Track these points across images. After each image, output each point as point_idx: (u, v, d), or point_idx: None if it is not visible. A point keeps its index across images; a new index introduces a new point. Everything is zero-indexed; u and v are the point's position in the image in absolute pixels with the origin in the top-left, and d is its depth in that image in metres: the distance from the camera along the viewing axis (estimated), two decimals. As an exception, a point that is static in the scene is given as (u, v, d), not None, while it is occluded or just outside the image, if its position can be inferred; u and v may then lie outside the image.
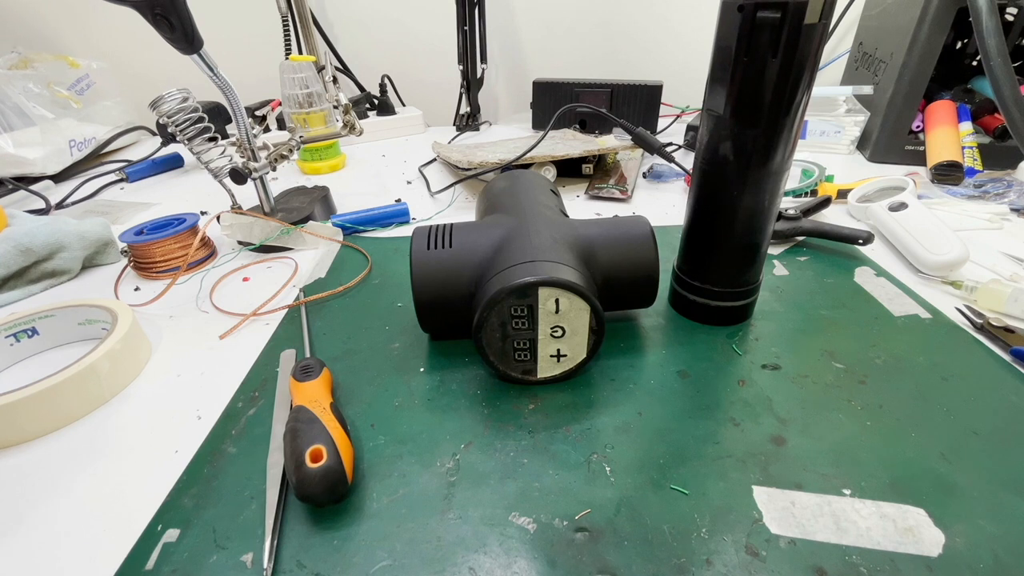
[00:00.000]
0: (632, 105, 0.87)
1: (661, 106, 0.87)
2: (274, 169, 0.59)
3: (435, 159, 0.84)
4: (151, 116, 0.54)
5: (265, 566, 0.26)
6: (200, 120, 0.52)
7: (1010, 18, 0.71)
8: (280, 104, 0.87)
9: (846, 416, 0.34)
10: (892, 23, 0.76)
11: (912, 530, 0.27)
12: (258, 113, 0.96)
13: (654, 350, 0.40)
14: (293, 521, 0.28)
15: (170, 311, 0.48)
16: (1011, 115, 0.40)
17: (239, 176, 0.55)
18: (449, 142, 0.93)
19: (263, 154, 0.57)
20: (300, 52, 0.92)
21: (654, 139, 0.70)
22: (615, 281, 0.39)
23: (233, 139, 0.56)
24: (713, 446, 0.32)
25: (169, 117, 0.50)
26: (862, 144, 0.82)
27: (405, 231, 0.61)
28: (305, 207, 0.62)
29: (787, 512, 0.28)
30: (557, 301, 0.33)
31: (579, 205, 0.67)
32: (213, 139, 0.54)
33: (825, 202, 0.59)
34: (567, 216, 0.45)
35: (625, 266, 0.39)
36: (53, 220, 0.54)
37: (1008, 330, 0.40)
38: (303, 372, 0.35)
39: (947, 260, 0.47)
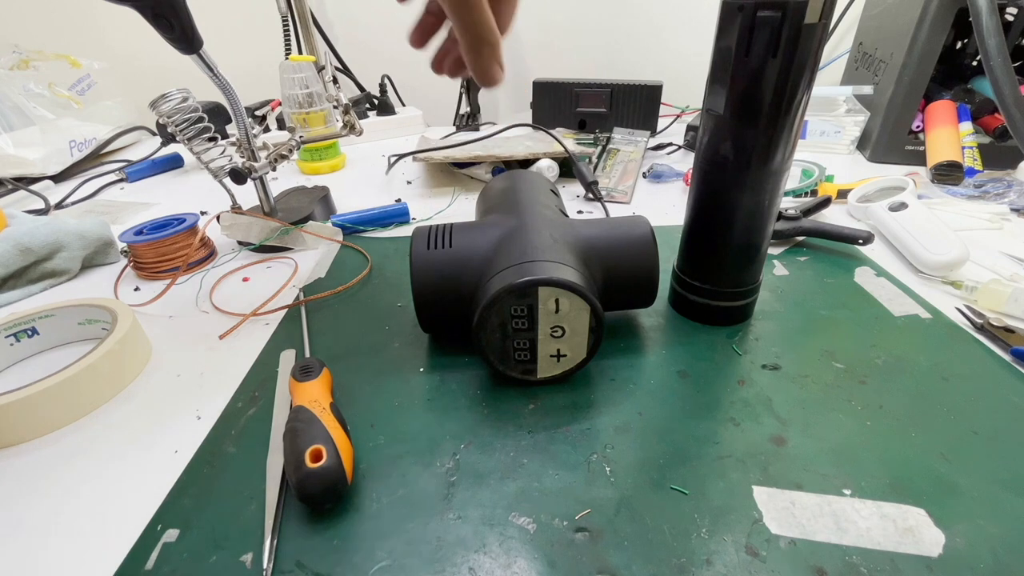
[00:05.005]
0: (632, 105, 0.87)
1: (661, 106, 0.87)
2: (274, 169, 0.59)
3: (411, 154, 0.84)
4: (151, 116, 0.54)
5: (265, 566, 0.26)
6: (200, 120, 0.52)
7: (1010, 18, 0.71)
8: (280, 104, 0.87)
9: (846, 416, 0.34)
10: (892, 23, 0.76)
11: (912, 530, 0.27)
12: (258, 113, 0.96)
13: (654, 350, 0.40)
14: (293, 521, 0.28)
15: (170, 311, 0.48)
16: (1011, 115, 0.40)
17: (239, 176, 0.55)
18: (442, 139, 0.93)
19: (263, 154, 0.57)
20: (300, 52, 0.92)
21: (586, 169, 0.68)
22: (615, 281, 0.39)
23: (233, 139, 0.56)
24: (713, 446, 0.32)
25: (169, 117, 0.50)
26: (862, 144, 0.82)
27: (405, 231, 0.61)
28: (305, 207, 0.62)
29: (787, 512, 0.28)
30: (557, 301, 0.33)
31: (579, 205, 0.67)
32: (213, 139, 0.54)
33: (825, 202, 0.59)
34: (567, 216, 0.45)
35: (625, 266, 0.39)
36: (53, 220, 0.54)
37: (1008, 330, 0.40)
38: (303, 372, 0.35)
39: (947, 260, 0.47)
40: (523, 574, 0.25)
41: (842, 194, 0.63)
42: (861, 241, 0.52)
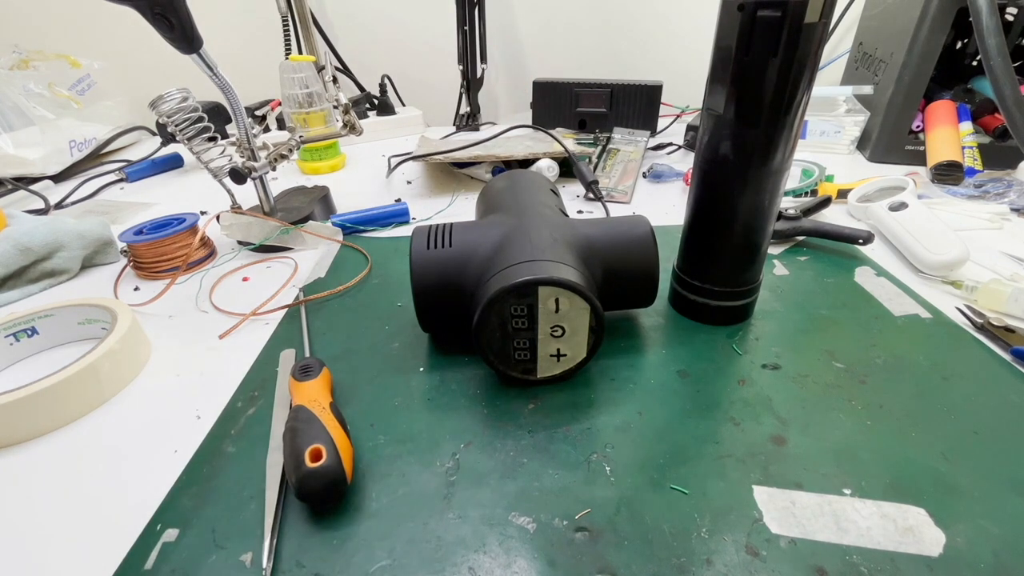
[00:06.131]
0: (632, 105, 0.87)
1: (661, 106, 0.87)
2: (274, 169, 0.59)
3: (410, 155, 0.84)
4: (151, 116, 0.54)
5: (264, 565, 0.26)
6: (200, 120, 0.52)
7: (1010, 18, 0.71)
8: (280, 104, 0.87)
9: (846, 416, 0.34)
10: (892, 23, 0.76)
11: (912, 530, 0.27)
12: (258, 113, 0.96)
13: (654, 350, 0.40)
14: (292, 520, 0.28)
15: (169, 311, 0.48)
16: (1011, 115, 0.40)
17: (239, 176, 0.55)
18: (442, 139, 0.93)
19: (263, 154, 0.57)
20: (300, 52, 0.92)
21: (587, 169, 0.69)
22: (615, 281, 0.39)
23: (233, 139, 0.56)
24: (713, 446, 0.32)
25: (169, 117, 0.50)
26: (862, 144, 0.82)
27: (405, 231, 0.61)
28: (305, 207, 0.62)
29: (787, 512, 0.28)
30: (557, 300, 0.33)
31: (579, 205, 0.67)
32: (213, 139, 0.54)
33: (825, 202, 0.59)
34: (567, 216, 0.45)
35: (625, 265, 0.39)
36: (52, 220, 0.54)
37: (1008, 330, 0.40)
38: (303, 372, 0.35)
39: (947, 260, 0.47)
40: (523, 574, 0.25)
41: (842, 194, 0.63)
42: (861, 241, 0.52)
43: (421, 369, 0.39)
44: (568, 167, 0.72)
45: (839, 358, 0.39)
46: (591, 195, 0.68)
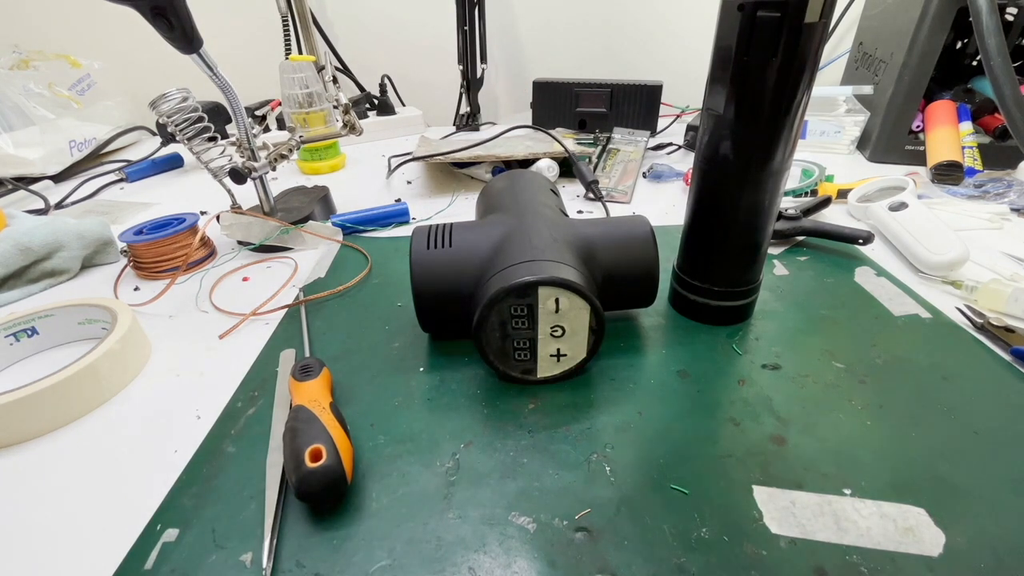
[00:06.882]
0: (632, 105, 0.87)
1: (661, 106, 0.87)
2: (274, 169, 0.59)
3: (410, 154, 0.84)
4: (151, 116, 0.54)
5: (264, 565, 0.26)
6: (200, 120, 0.52)
7: (1010, 18, 0.71)
8: (280, 104, 0.87)
9: (846, 416, 0.34)
10: (892, 23, 0.76)
11: (913, 530, 0.27)
12: (258, 113, 0.96)
13: (654, 350, 0.40)
14: (292, 520, 0.28)
15: (170, 311, 0.48)
16: (1011, 115, 0.40)
17: (239, 176, 0.55)
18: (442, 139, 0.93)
19: (263, 154, 0.57)
20: (300, 52, 0.92)
21: (587, 169, 0.69)
22: (615, 280, 0.39)
23: (233, 139, 0.56)
24: (713, 446, 0.32)
25: (169, 117, 0.50)
26: (862, 144, 0.82)
27: (405, 231, 0.61)
28: (305, 207, 0.62)
29: (787, 512, 0.28)
30: (557, 300, 0.33)
31: (579, 205, 0.67)
32: (213, 139, 0.54)
33: (825, 202, 0.59)
34: (567, 216, 0.45)
35: (625, 265, 0.39)
36: (52, 220, 0.54)
37: (1008, 330, 0.40)
38: (303, 372, 0.35)
39: (947, 260, 0.47)
40: (523, 574, 0.25)
41: (842, 194, 0.63)
42: (861, 241, 0.52)
43: (421, 369, 0.39)
44: (568, 167, 0.72)
45: (839, 358, 0.39)
46: (591, 195, 0.68)
